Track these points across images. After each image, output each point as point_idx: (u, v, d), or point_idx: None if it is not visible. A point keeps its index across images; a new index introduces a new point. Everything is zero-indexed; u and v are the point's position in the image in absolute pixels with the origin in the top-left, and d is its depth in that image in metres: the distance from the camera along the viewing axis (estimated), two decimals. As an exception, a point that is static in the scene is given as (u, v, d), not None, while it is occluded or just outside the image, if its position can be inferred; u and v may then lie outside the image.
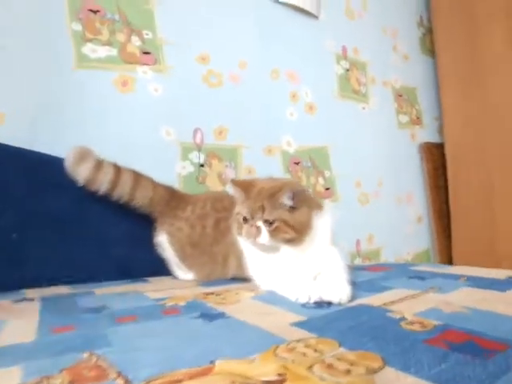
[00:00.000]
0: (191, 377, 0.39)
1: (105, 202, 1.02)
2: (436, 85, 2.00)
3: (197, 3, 1.34)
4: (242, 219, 0.79)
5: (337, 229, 1.54)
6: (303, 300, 0.67)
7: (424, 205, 1.95)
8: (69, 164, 0.96)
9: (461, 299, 0.67)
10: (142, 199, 1.01)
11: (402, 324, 0.54)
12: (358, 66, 1.77)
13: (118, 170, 0.99)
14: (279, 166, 1.47)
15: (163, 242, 1.01)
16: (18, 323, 0.62)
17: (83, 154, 0.97)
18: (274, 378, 0.39)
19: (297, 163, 1.51)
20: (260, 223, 0.76)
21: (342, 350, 0.46)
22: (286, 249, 0.78)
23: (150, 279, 1.03)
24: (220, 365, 0.42)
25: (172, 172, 1.24)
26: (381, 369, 0.40)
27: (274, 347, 0.46)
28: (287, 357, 0.44)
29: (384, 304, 0.65)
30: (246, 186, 0.81)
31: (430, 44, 2.08)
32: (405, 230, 1.86)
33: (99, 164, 0.98)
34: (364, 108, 1.77)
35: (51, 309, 0.71)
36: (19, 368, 0.43)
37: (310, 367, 0.41)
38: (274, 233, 0.75)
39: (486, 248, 1.78)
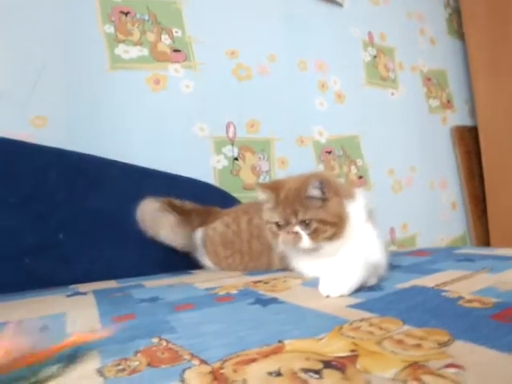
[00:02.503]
0: (265, 355, 0.40)
1: (142, 199, 1.05)
2: (466, 67, 1.96)
3: (221, 0, 1.36)
4: (275, 227, 0.77)
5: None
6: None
7: (458, 190, 1.92)
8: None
9: None
10: None
11: (461, 302, 0.54)
12: (385, 52, 1.76)
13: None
14: (311, 156, 1.47)
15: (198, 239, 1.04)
16: (78, 314, 0.64)
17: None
18: (346, 353, 0.40)
19: (329, 152, 1.51)
20: (297, 228, 0.74)
21: (407, 327, 0.46)
22: (326, 246, 0.75)
23: (194, 271, 1.06)
24: (290, 344, 0.43)
25: (207, 166, 1.27)
26: (451, 342, 0.41)
27: (339, 327, 0.47)
28: (354, 335, 0.45)
29: (437, 285, 0.65)
30: (274, 189, 0.79)
31: (457, 25, 2.04)
32: (439, 217, 1.83)
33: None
34: (393, 94, 1.75)
35: (107, 300, 0.73)
36: (96, 352, 0.45)
37: (380, 343, 0.42)
38: (313, 235, 0.73)
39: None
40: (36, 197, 0.96)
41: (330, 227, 0.74)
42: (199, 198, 1.13)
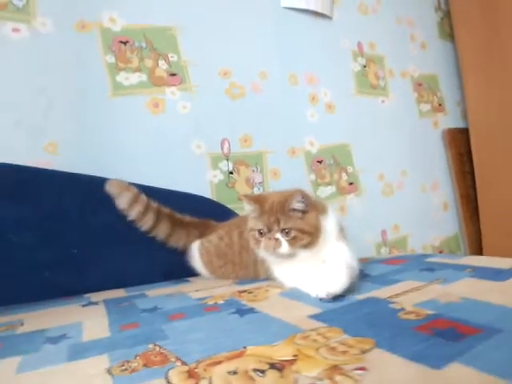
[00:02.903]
0: (229, 358, 0.55)
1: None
2: (457, 69, 2.06)
3: (215, 23, 1.50)
4: (257, 234, 0.91)
5: (361, 221, 1.68)
6: (321, 295, 0.82)
7: (450, 191, 2.04)
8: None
9: (460, 290, 0.79)
10: (175, 244, 1.23)
11: (400, 314, 0.67)
12: (375, 60, 1.87)
13: (157, 219, 1.19)
14: (303, 166, 1.61)
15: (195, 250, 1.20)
16: (92, 323, 0.80)
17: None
18: (289, 358, 0.55)
19: (320, 162, 1.65)
20: (278, 235, 0.87)
21: (345, 336, 0.60)
22: (302, 253, 0.89)
23: (191, 279, 1.21)
24: (250, 349, 0.58)
25: (204, 181, 1.42)
26: (371, 349, 0.55)
27: (293, 336, 0.62)
28: (302, 343, 0.59)
29: (389, 297, 0.78)
30: (259, 201, 0.93)
31: (448, 28, 2.13)
32: (431, 217, 1.96)
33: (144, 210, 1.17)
34: (383, 101, 1.87)
35: (115, 310, 0.89)
36: (106, 355, 0.61)
37: (317, 350, 0.56)
38: (292, 241, 0.87)
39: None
40: (52, 217, 1.13)
41: (307, 236, 0.88)
42: (197, 211, 1.29)
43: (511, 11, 1.79)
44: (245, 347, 0.59)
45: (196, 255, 1.20)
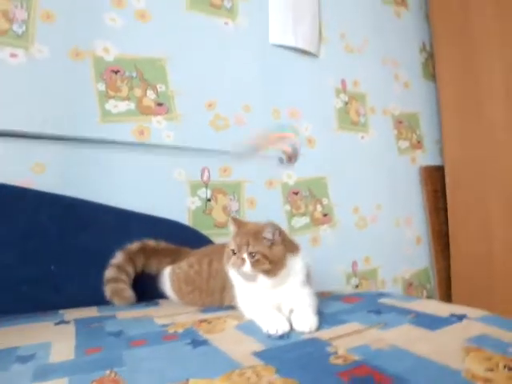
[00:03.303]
0: (171, 390, 0.66)
1: (126, 238, 1.32)
2: (438, 108, 2.19)
3: (203, 55, 1.61)
4: (231, 252, 1.04)
5: (333, 252, 1.79)
6: (272, 332, 0.92)
7: (423, 226, 2.15)
8: None
9: (394, 337, 0.88)
10: (148, 270, 1.34)
11: (331, 358, 0.77)
12: (357, 98, 1.99)
13: (127, 256, 1.30)
14: (279, 197, 1.72)
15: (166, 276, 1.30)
16: (60, 345, 0.90)
17: None
18: (222, 394, 0.65)
19: (296, 193, 1.76)
20: (245, 255, 1.00)
21: (275, 376, 0.70)
22: (262, 278, 1.00)
23: (161, 302, 1.32)
24: (192, 381, 0.68)
25: (183, 206, 1.52)
26: (294, 390, 0.65)
27: (231, 372, 0.72)
28: (237, 380, 0.69)
29: (330, 339, 0.88)
30: (239, 225, 1.08)
31: (432, 69, 2.26)
32: (403, 251, 2.07)
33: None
34: (363, 137, 1.99)
35: (84, 332, 0.99)
36: (66, 379, 0.70)
37: (247, 387, 0.67)
38: (254, 263, 0.99)
39: (484, 266, 1.98)
40: (31, 235, 1.23)
41: (268, 263, 1.00)
42: (173, 237, 1.39)
43: (489, 57, 1.93)
44: (187, 379, 0.69)
45: (166, 281, 1.31)
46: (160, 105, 1.51)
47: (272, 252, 1.01)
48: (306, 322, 0.93)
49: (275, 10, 1.76)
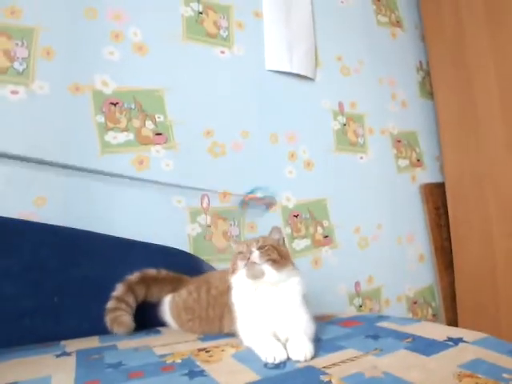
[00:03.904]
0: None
1: (128, 267, 1.35)
2: (436, 126, 2.22)
3: (201, 84, 1.66)
4: (238, 256, 1.08)
5: (335, 273, 1.79)
6: (270, 360, 0.93)
7: (426, 243, 2.16)
8: None
9: (388, 364, 0.89)
10: (149, 299, 1.36)
11: None
12: (354, 119, 2.03)
13: (127, 287, 1.32)
14: (279, 220, 1.75)
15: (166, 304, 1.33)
16: (60, 377, 0.92)
17: None
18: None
19: (296, 216, 1.79)
20: (253, 249, 1.05)
21: (267, 407, 0.73)
22: (269, 271, 1.03)
23: (162, 330, 1.34)
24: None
25: (183, 233, 1.55)
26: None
27: (225, 404, 0.74)
28: (228, 412, 0.72)
29: (325, 367, 0.90)
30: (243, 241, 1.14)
31: (430, 87, 2.30)
32: (406, 269, 2.08)
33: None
34: (362, 158, 2.02)
35: (84, 364, 1.02)
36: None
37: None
38: (263, 253, 1.04)
39: (488, 282, 1.98)
40: (33, 267, 1.26)
41: (277, 254, 1.06)
42: (174, 264, 1.42)
43: (484, 74, 1.96)
44: (181, 414, 0.71)
45: (167, 309, 1.33)
46: (159, 134, 1.56)
47: (280, 247, 1.10)
48: (301, 350, 0.94)
49: (270, 37, 1.82)
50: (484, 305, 1.99)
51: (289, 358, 0.94)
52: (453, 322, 2.11)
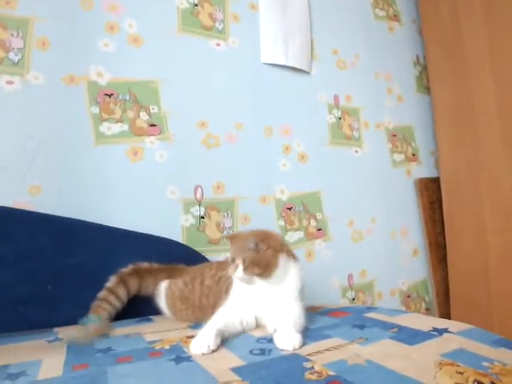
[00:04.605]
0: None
1: (121, 257, 1.37)
2: (432, 121, 2.23)
3: (196, 76, 1.68)
4: (231, 260, 1.13)
5: (328, 266, 1.82)
6: (192, 350, 0.94)
7: (420, 238, 2.17)
8: None
9: (372, 352, 0.91)
10: (145, 292, 1.39)
11: (306, 373, 0.81)
12: (350, 112, 2.04)
13: (119, 279, 1.33)
14: (273, 213, 1.77)
15: (162, 290, 1.35)
16: (51, 361, 0.94)
17: None
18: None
19: (289, 208, 1.80)
20: (239, 262, 1.09)
21: (249, 391, 0.75)
22: (258, 280, 1.09)
23: (154, 318, 1.36)
24: (168, 398, 0.73)
25: (176, 224, 1.57)
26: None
27: (206, 387, 0.76)
28: (211, 395, 0.74)
29: (309, 354, 0.92)
30: (234, 238, 1.20)
31: (426, 82, 2.31)
32: (400, 263, 2.09)
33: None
34: (357, 151, 2.03)
35: (75, 349, 1.04)
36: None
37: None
38: (245, 269, 1.08)
39: (481, 276, 2.00)
40: (28, 255, 1.29)
41: (258, 268, 1.08)
42: (167, 254, 1.45)
43: (481, 69, 1.96)
44: (164, 395, 0.73)
45: (162, 295, 1.35)
46: (153, 125, 1.57)
47: (261, 257, 1.10)
48: (289, 341, 0.96)
49: (266, 30, 1.83)
50: (477, 299, 2.01)
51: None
52: (446, 316, 2.13)
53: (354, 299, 1.91)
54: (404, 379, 0.76)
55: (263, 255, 1.10)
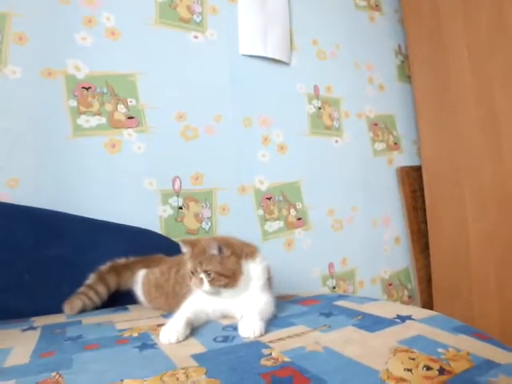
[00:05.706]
0: (103, 390, 0.72)
1: (98, 248, 1.39)
2: (414, 110, 2.23)
3: (173, 68, 1.68)
4: (190, 273, 1.10)
5: (308, 255, 1.83)
6: (161, 340, 0.94)
7: (402, 226, 2.19)
8: None
9: (331, 339, 0.91)
10: (125, 287, 1.40)
11: (262, 360, 0.82)
12: (330, 102, 2.04)
13: (98, 276, 1.36)
14: (252, 203, 1.78)
15: (139, 277, 1.37)
16: (20, 349, 0.96)
17: None
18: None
19: (268, 198, 1.82)
20: (202, 275, 1.06)
21: (203, 377, 0.76)
22: (225, 291, 1.07)
23: (131, 307, 1.38)
24: (125, 382, 0.74)
25: (155, 215, 1.59)
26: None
27: (164, 373, 0.78)
28: (167, 380, 0.75)
29: (270, 341, 0.93)
30: (191, 245, 1.13)
31: (408, 71, 2.30)
32: (382, 251, 2.11)
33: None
34: (337, 141, 2.04)
35: (46, 337, 1.06)
36: (13, 382, 0.77)
37: (173, 387, 0.72)
38: (211, 282, 1.05)
39: (462, 262, 2.02)
40: (6, 246, 1.30)
41: (224, 278, 1.06)
42: (146, 245, 1.47)
43: (459, 59, 1.96)
44: (122, 380, 0.75)
45: (139, 283, 1.37)
46: (131, 118, 1.58)
47: (225, 266, 1.07)
48: (250, 327, 0.97)
49: (244, 22, 1.82)
50: (458, 286, 2.03)
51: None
52: (428, 303, 2.15)
53: (334, 287, 1.93)
54: (356, 365, 0.77)
55: (227, 264, 1.07)
